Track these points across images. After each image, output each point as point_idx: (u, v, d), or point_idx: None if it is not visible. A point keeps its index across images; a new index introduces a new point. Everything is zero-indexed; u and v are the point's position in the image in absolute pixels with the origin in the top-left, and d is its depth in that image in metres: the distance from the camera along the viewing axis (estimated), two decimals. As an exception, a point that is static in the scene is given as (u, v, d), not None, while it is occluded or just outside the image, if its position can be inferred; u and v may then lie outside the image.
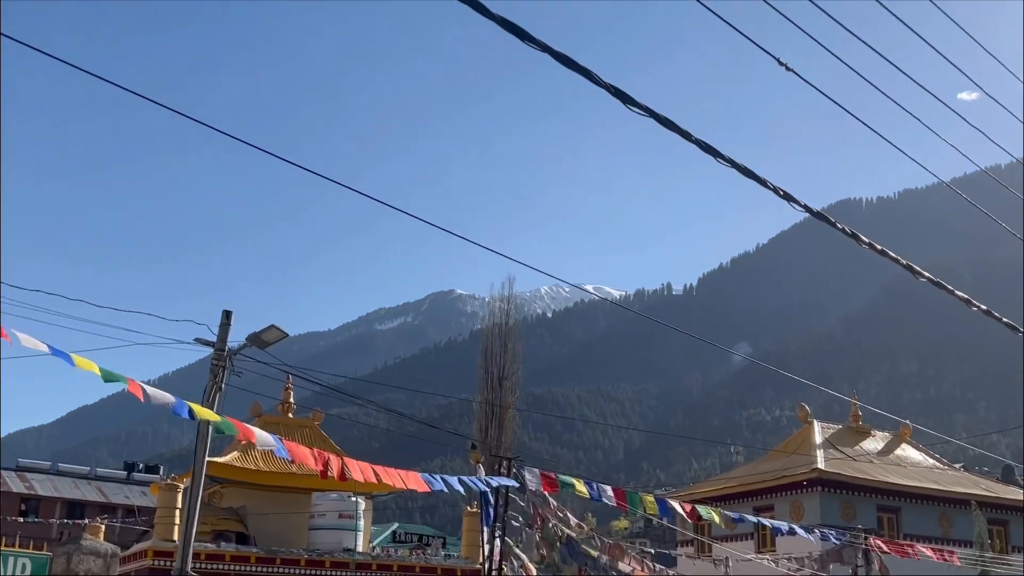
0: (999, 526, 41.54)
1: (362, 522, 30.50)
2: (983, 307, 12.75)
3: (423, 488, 19.34)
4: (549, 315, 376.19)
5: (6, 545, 19.26)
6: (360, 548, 29.53)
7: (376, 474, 17.34)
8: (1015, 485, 49.45)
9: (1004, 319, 13.24)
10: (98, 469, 50.79)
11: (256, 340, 15.48)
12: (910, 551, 29.14)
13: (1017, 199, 17.73)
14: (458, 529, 33.17)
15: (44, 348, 11.58)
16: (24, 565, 10.62)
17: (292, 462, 28.13)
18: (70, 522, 30.80)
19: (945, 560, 30.02)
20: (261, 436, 16.41)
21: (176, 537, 17.97)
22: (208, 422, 14.54)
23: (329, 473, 19.35)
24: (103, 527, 21.08)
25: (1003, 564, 35.31)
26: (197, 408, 14.00)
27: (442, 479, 20.01)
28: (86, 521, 29.72)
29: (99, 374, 12.05)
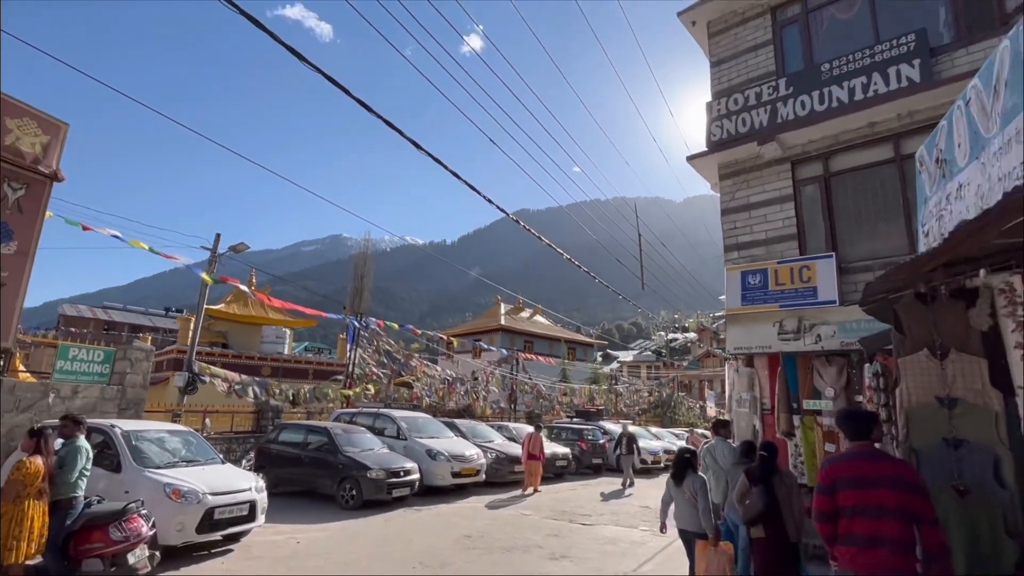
0: (572, 350, 47.11)
1: (287, 341, 30.70)
2: (570, 258, 15.09)
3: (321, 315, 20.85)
4: (388, 250, 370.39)
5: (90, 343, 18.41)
6: (285, 353, 29.89)
7: (296, 312, 18.41)
8: (584, 335, 55.63)
9: (583, 268, 15.28)
10: (150, 309, 45.70)
11: (233, 248, 15.60)
12: (534, 359, 32.93)
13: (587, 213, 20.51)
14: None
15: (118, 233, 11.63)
16: (98, 354, 10.66)
17: (253, 301, 28.39)
18: (133, 335, 28.56)
19: (549, 363, 34.32)
20: (241, 287, 17.22)
21: (188, 342, 17.86)
22: (207, 282, 14.81)
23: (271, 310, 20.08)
24: (150, 337, 20.32)
25: (571, 366, 40.50)
26: (204, 275, 14.55)
27: (330, 315, 21.63)
28: (141, 335, 27.87)
29: (146, 249, 12.21)
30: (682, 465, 5.45)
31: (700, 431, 22.27)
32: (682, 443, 22.62)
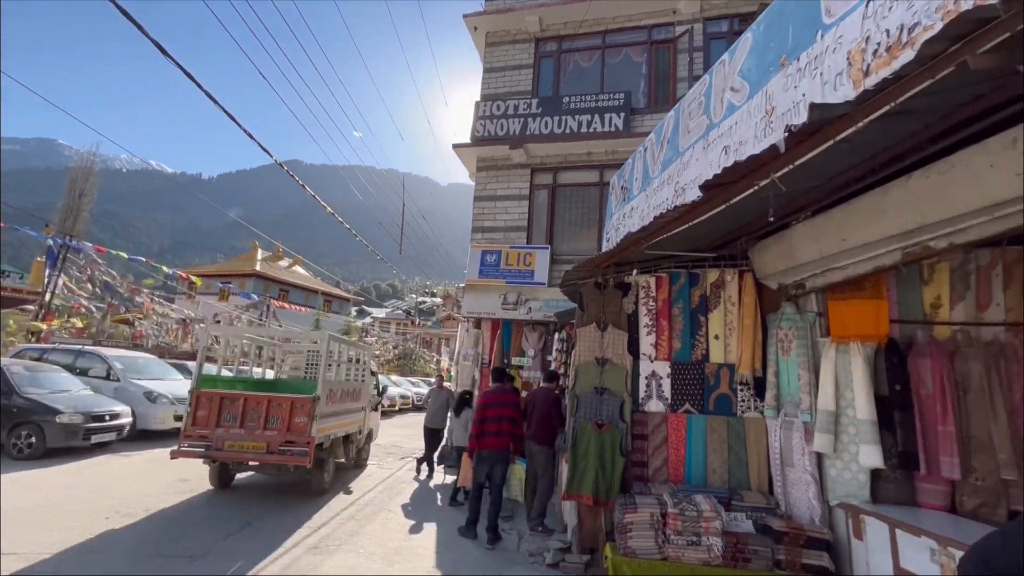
0: (328, 302, 44.18)
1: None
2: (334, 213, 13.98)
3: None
4: (124, 170, 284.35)
5: None
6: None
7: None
8: (342, 290, 52.57)
9: (346, 225, 14.47)
10: None
11: None
12: (288, 307, 29.98)
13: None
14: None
15: None
16: None
17: None
18: None
19: (302, 312, 31.57)
20: None
21: None
22: None
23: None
24: None
25: (326, 317, 37.98)
26: None
27: (22, 228, 15.99)
28: None
29: None
30: (461, 403, 6.97)
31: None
32: (418, 389, 23.54)
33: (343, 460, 7.54)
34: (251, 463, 6.22)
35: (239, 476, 7.28)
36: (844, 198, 3.29)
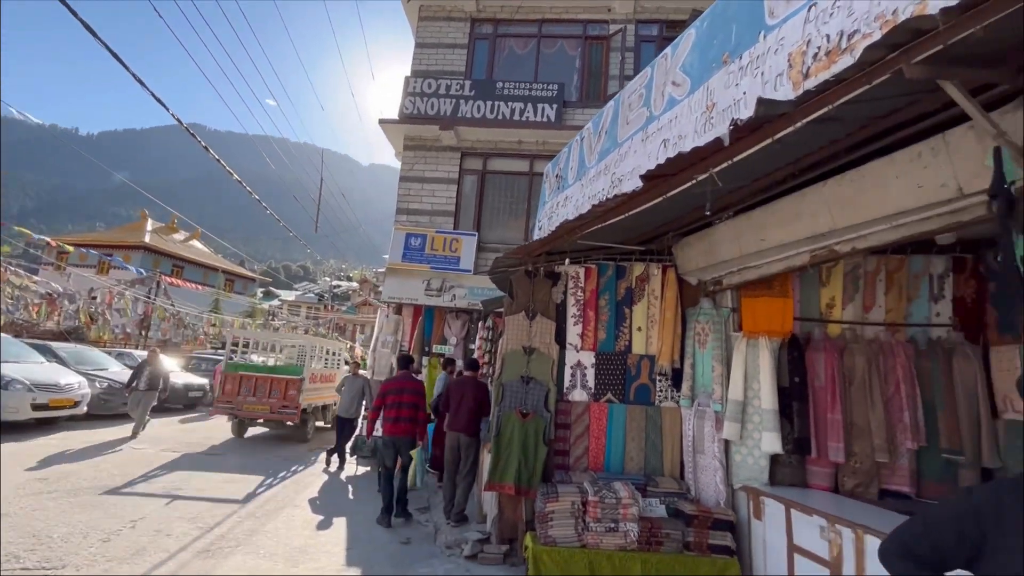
0: (230, 282, 40.68)
1: None
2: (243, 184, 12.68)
3: None
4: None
5: None
6: None
7: None
8: (247, 269, 48.41)
9: (256, 196, 13.19)
10: None
11: None
12: (182, 285, 27.18)
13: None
14: None
15: None
16: None
17: None
18: None
19: (198, 290, 28.67)
20: None
21: None
22: None
23: None
24: None
25: (227, 297, 34.85)
26: None
27: None
28: None
29: None
30: None
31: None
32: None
33: (323, 423, 11.11)
34: (259, 420, 9.24)
35: (126, 483, 6.41)
36: (765, 200, 3.47)
